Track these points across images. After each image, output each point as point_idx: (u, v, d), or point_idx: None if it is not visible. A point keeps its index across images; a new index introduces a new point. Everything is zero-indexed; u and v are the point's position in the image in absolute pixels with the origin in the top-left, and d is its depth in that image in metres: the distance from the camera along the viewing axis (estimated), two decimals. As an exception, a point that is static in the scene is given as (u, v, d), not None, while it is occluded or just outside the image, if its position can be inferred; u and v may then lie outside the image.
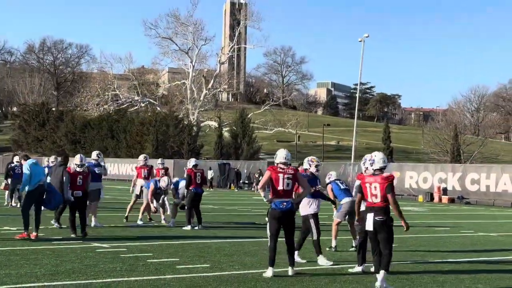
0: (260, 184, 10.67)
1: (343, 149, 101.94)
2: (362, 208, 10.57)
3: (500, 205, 35.84)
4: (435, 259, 12.68)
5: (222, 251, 12.88)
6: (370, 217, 10.02)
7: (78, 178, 15.05)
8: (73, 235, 14.52)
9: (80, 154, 15.84)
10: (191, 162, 17.44)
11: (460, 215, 28.03)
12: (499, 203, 36.37)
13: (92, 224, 17.05)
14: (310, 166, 12.08)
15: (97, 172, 17.42)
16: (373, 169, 10.29)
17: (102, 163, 18.51)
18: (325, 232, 13.52)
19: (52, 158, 20.91)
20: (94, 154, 18.55)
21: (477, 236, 18.35)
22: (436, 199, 38.77)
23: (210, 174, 50.80)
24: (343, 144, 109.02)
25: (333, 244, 13.73)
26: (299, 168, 11.73)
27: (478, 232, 19.36)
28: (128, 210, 19.10)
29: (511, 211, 31.71)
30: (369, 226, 10.05)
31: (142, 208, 18.56)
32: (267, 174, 10.53)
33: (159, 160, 22.86)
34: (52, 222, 16.58)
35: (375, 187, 10.00)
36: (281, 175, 10.48)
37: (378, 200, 9.72)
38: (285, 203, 10.42)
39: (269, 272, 10.24)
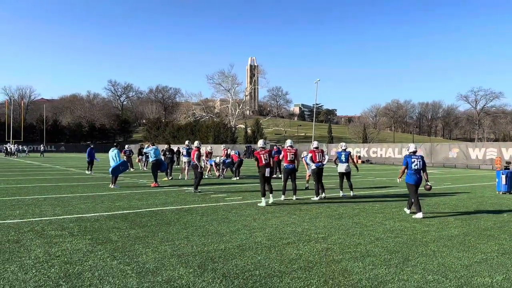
0: (280, 157, 10.82)
1: (308, 138, 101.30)
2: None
3: (388, 164, 35.48)
4: (354, 192, 12.47)
5: (247, 190, 12.78)
6: (342, 166, 11.35)
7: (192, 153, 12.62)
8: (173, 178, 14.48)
9: (197, 141, 13.15)
10: (260, 143, 10.33)
11: (368, 169, 27.79)
12: (387, 162, 36.06)
13: (186, 178, 16.66)
14: (292, 147, 11.12)
15: (188, 151, 17.24)
16: (313, 148, 10.75)
17: (191, 146, 18.06)
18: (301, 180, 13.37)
19: (187, 142, 19.14)
20: (186, 142, 18.52)
21: (378, 180, 18.07)
22: (356, 161, 38.36)
23: (232, 152, 49.55)
24: (308, 135, 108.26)
25: (306, 185, 13.59)
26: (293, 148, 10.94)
27: (378, 178, 18.92)
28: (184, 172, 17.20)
29: (393, 167, 31.33)
30: (341, 169, 11.34)
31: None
32: (283, 152, 10.62)
33: (222, 146, 22.21)
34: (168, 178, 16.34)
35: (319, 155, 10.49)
36: (289, 153, 10.52)
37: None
38: (290, 166, 10.48)
39: (282, 198, 10.36)
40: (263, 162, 9.95)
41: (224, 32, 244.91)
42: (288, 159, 10.57)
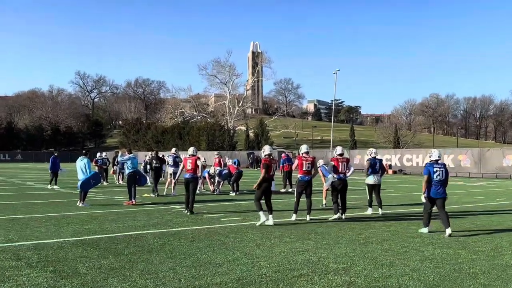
0: (293, 166, 10.88)
1: (325, 142, 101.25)
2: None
3: (425, 174, 35.35)
4: (384, 211, 12.47)
5: (250, 208, 12.77)
6: (374, 177, 11.73)
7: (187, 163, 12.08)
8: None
9: (193, 147, 12.83)
10: (267, 150, 10.36)
11: (400, 181, 27.70)
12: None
13: (172, 193, 16.82)
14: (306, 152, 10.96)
15: (175, 160, 17.37)
16: (337, 156, 10.77)
17: (179, 154, 18.30)
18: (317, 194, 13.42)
19: (173, 150, 18.81)
20: (173, 149, 18.56)
21: (412, 195, 18.12)
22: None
23: (229, 161, 49.56)
24: (325, 139, 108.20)
25: (324, 202, 13.59)
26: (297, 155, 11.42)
27: (414, 193, 19.10)
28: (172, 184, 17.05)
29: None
30: (373, 181, 11.83)
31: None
32: (298, 160, 10.55)
33: (216, 152, 22.87)
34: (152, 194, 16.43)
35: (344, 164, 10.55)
36: (305, 162, 10.51)
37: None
38: (306, 177, 10.51)
39: (293, 217, 10.45)
40: (272, 173, 9.97)
41: (219, 10, 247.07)
42: (304, 169, 10.48)
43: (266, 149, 10.37)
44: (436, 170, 8.78)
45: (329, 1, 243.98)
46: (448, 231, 8.64)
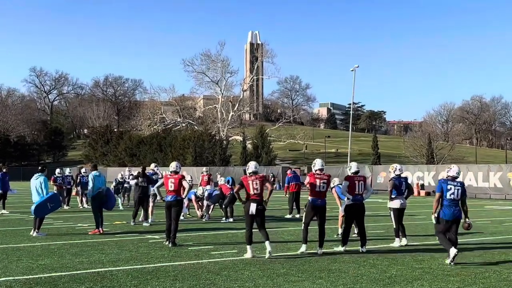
0: (311, 190, 10.59)
1: (341, 155, 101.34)
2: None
3: (469, 196, 35.28)
4: (414, 242, 12.49)
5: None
6: (399, 200, 11.72)
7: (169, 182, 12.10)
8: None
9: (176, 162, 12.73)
10: (252, 167, 10.41)
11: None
12: (469, 194, 35.78)
13: (150, 219, 16.41)
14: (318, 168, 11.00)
15: (154, 178, 17.13)
16: (352, 173, 10.90)
17: (158, 172, 18.13)
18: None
19: (153, 165, 18.63)
20: (153, 165, 18.51)
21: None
22: (415, 193, 38.35)
23: (221, 180, 49.07)
24: (341, 151, 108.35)
25: (340, 231, 13.48)
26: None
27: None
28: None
29: (475, 201, 31.27)
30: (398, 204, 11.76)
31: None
32: (309, 178, 10.52)
33: (204, 168, 22.94)
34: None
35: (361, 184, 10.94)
36: (319, 180, 10.49)
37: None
38: (319, 201, 10.50)
39: (303, 248, 10.48)
40: (252, 192, 10.00)
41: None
42: (316, 189, 10.47)
43: (250, 166, 10.34)
44: (450, 188, 9.30)
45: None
46: (452, 253, 9.15)
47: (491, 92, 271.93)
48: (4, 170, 21.12)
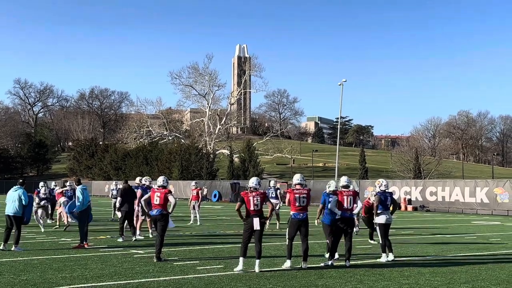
0: (291, 205, 10.73)
1: (328, 169, 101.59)
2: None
3: (453, 212, 35.58)
4: (401, 257, 12.52)
5: (233, 254, 12.71)
6: (385, 215, 11.88)
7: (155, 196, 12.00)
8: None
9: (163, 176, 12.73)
10: (252, 182, 10.45)
11: (422, 221, 27.81)
12: (453, 210, 36.11)
13: (137, 234, 16.07)
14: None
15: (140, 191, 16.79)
16: (341, 188, 11.11)
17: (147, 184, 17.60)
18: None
19: (138, 179, 18.38)
20: (138, 179, 18.34)
21: (435, 237, 18.18)
22: (402, 208, 38.49)
23: (205, 191, 48.56)
24: (328, 166, 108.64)
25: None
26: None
27: (436, 235, 19.18)
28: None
29: (462, 216, 31.46)
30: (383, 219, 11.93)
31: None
32: (289, 195, 10.68)
33: (193, 182, 23.14)
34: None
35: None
36: (298, 196, 10.64)
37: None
38: (300, 215, 10.63)
39: (287, 263, 10.54)
40: (252, 208, 9.98)
41: (197, 5, 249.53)
42: (297, 204, 10.56)
43: (251, 182, 10.43)
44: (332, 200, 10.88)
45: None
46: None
47: (478, 107, 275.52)
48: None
